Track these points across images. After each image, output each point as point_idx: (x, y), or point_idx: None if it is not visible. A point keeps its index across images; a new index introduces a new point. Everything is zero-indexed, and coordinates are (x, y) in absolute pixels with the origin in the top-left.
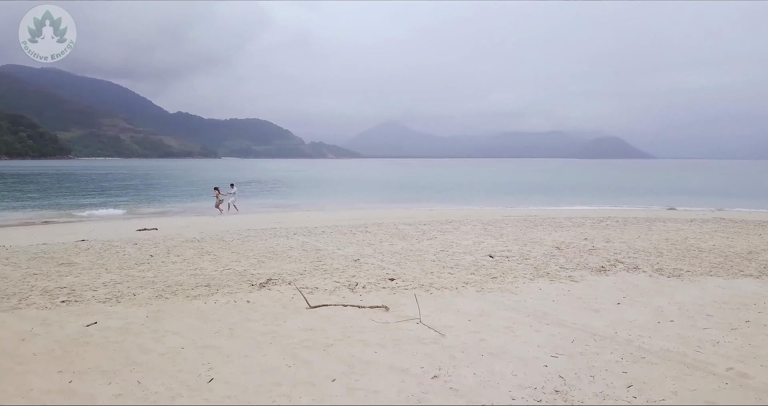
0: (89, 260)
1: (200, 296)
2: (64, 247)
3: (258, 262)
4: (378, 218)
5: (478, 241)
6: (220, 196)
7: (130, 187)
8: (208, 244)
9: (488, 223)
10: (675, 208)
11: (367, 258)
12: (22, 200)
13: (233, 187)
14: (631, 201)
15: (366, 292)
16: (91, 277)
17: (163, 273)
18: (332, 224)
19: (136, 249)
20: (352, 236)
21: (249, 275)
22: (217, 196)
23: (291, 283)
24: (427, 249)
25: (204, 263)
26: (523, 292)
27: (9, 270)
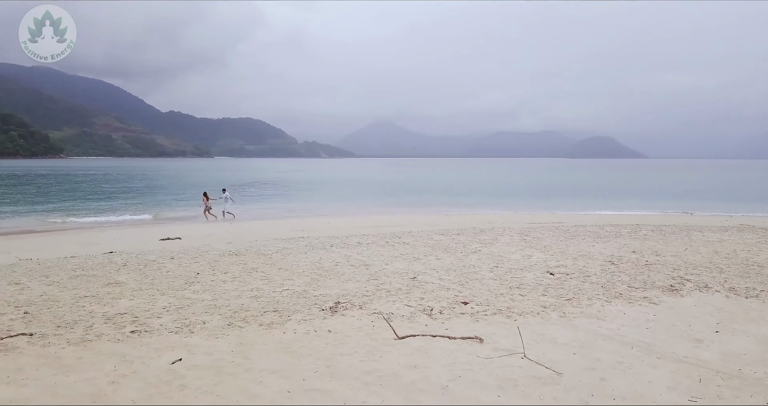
0: (134, 278)
1: (275, 324)
2: (97, 261)
3: (312, 280)
4: (401, 225)
5: (526, 254)
6: (208, 202)
7: (132, 189)
8: (249, 258)
9: (522, 232)
10: (691, 212)
11: (423, 276)
12: (27, 204)
13: (225, 192)
14: (645, 205)
15: (445, 318)
16: (146, 300)
17: (220, 295)
18: (360, 232)
19: (175, 265)
20: (391, 248)
21: (311, 296)
22: (205, 202)
23: (362, 307)
24: (479, 264)
25: (256, 281)
26: (607, 317)
27: (56, 291)
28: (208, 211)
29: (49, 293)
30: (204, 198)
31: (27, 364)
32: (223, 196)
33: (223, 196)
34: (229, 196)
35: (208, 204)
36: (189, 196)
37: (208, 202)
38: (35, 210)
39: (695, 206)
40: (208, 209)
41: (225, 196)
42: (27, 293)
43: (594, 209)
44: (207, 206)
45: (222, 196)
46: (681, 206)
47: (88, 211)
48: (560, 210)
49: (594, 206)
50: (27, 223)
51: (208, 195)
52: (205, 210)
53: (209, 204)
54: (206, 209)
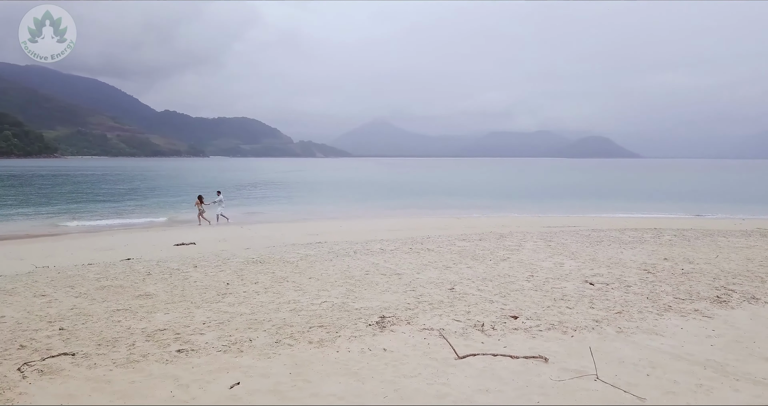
0: (163, 289)
1: (324, 341)
2: (119, 270)
3: (347, 291)
4: (415, 229)
5: (557, 262)
6: (202, 206)
7: (134, 191)
8: (275, 266)
9: (544, 238)
10: (701, 215)
11: (461, 286)
12: (30, 206)
13: (220, 194)
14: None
15: (500, 335)
16: (182, 314)
17: (257, 308)
18: (377, 237)
19: (201, 274)
20: (417, 255)
21: (353, 310)
22: (198, 206)
23: (410, 322)
24: (513, 273)
25: (290, 293)
26: (665, 332)
27: (86, 304)
28: (201, 215)
29: (79, 306)
30: (198, 201)
31: (77, 389)
32: (217, 199)
33: (218, 200)
34: (223, 199)
35: (202, 208)
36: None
37: (201, 205)
38: (40, 213)
39: (703, 208)
40: (202, 212)
41: (219, 199)
42: (56, 306)
43: (604, 211)
44: (201, 209)
45: (216, 199)
46: (689, 208)
47: (93, 213)
48: (570, 212)
49: (603, 208)
50: (33, 226)
51: (203, 198)
52: (199, 214)
53: (203, 208)
54: (200, 212)
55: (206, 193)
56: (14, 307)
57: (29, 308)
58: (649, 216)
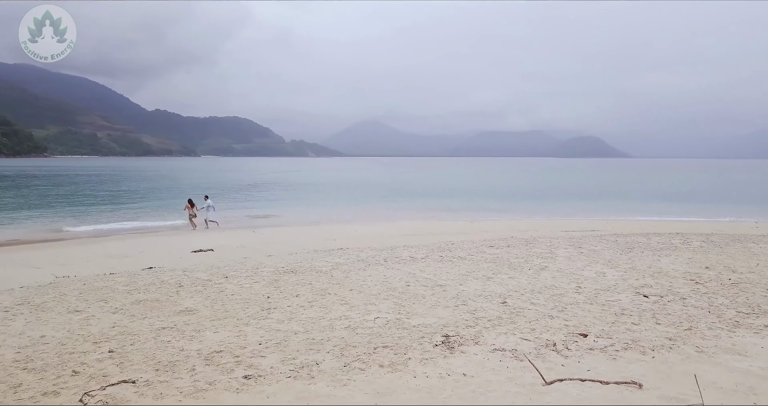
0: (203, 304)
1: (396, 364)
2: (147, 280)
3: (396, 305)
4: (435, 233)
5: (597, 271)
6: (193, 210)
7: (134, 192)
8: (309, 276)
9: (573, 244)
10: (715, 218)
11: (512, 299)
12: (31, 208)
13: (208, 199)
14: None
15: (578, 356)
16: (233, 332)
17: (309, 325)
18: (400, 243)
19: (236, 286)
20: (450, 264)
21: (410, 327)
22: (189, 210)
23: (477, 342)
24: (559, 284)
25: (337, 307)
26: (747, 351)
27: (126, 321)
28: (192, 219)
29: (120, 324)
30: (188, 206)
31: None
32: (205, 204)
33: (206, 204)
34: (212, 204)
35: (193, 212)
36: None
37: (193, 210)
38: (43, 216)
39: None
40: (192, 216)
41: (208, 203)
42: (96, 324)
43: (613, 213)
44: (192, 214)
45: (204, 204)
46: (693, 210)
47: (97, 216)
48: (581, 215)
49: (610, 210)
50: (39, 231)
51: (193, 202)
52: (190, 218)
53: (194, 212)
54: (192, 216)
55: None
56: (51, 325)
57: (68, 326)
58: (663, 219)
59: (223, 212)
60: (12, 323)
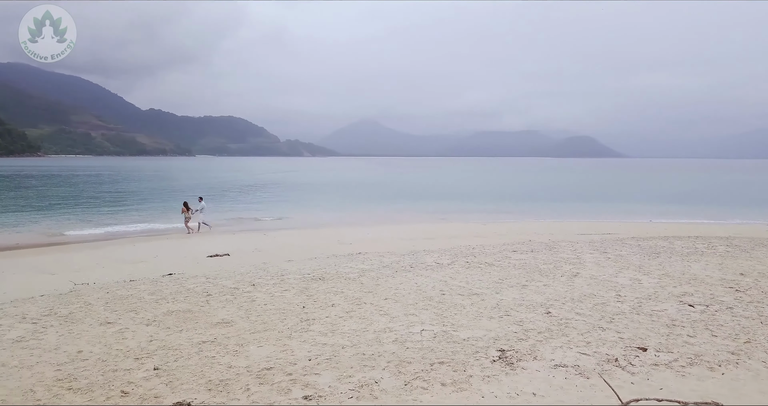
0: (237, 315)
1: (459, 383)
2: (172, 288)
3: (438, 316)
4: (451, 237)
5: (633, 278)
6: (189, 213)
7: (136, 192)
8: (339, 284)
9: (597, 248)
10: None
11: (555, 309)
12: (33, 211)
13: (202, 201)
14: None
15: (644, 372)
16: (278, 347)
17: (356, 339)
18: (417, 247)
19: (266, 294)
20: (479, 270)
21: (460, 340)
22: (185, 212)
23: (535, 357)
24: (596, 293)
25: (377, 317)
26: None
27: (163, 335)
28: (188, 222)
29: (157, 337)
30: (184, 209)
31: None
32: (199, 206)
33: (200, 206)
34: (205, 206)
35: (189, 215)
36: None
37: (189, 213)
38: (47, 217)
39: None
40: (188, 220)
41: (202, 205)
42: (132, 338)
43: (621, 215)
44: (188, 217)
45: (198, 206)
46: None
47: (103, 219)
48: (591, 217)
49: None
50: (44, 234)
51: (189, 205)
52: (186, 221)
53: (190, 215)
54: (187, 219)
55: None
56: (86, 338)
57: (103, 339)
58: (677, 222)
59: (228, 214)
60: (44, 336)
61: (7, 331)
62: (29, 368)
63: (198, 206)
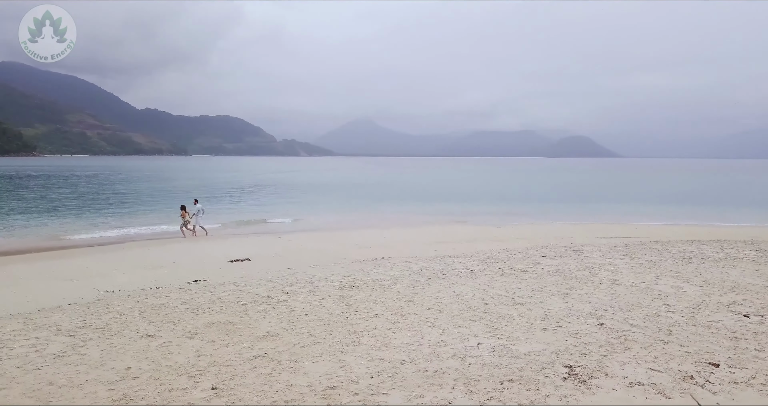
0: (281, 326)
1: (536, 404)
2: (204, 297)
3: (488, 328)
4: (473, 241)
5: (674, 286)
6: (186, 216)
7: (140, 193)
8: (375, 292)
9: (626, 253)
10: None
11: (607, 320)
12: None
13: (197, 203)
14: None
15: (726, 391)
16: (334, 363)
17: (411, 353)
18: (442, 251)
19: (303, 303)
20: (515, 277)
21: (522, 355)
22: (183, 217)
23: (606, 374)
24: (643, 301)
25: (426, 329)
26: None
27: (210, 349)
28: (185, 226)
29: (204, 352)
30: (182, 212)
31: None
32: (195, 208)
33: (196, 209)
34: (201, 208)
35: (188, 219)
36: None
37: (187, 216)
38: (55, 219)
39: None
40: (185, 224)
41: (198, 208)
42: (179, 353)
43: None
44: (186, 220)
45: (195, 208)
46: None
47: (112, 221)
48: (603, 219)
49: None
50: (57, 238)
51: (187, 208)
52: (182, 225)
53: (189, 219)
54: (184, 223)
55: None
56: (131, 353)
57: (148, 354)
58: (690, 224)
59: (236, 216)
60: (85, 350)
61: (46, 345)
62: (80, 387)
63: (193, 209)
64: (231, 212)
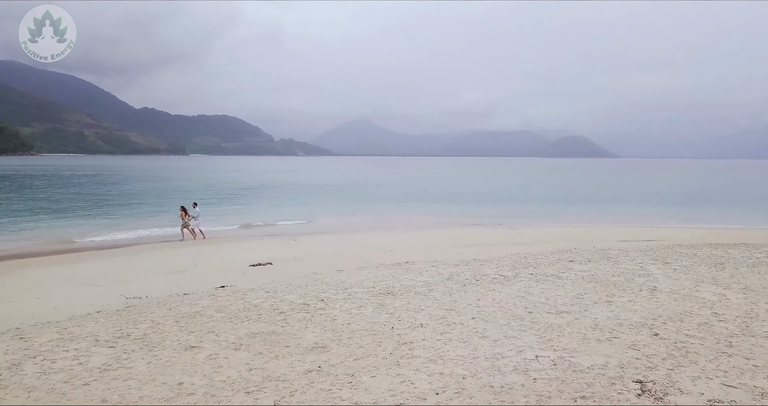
0: (325, 336)
1: None
2: (238, 305)
3: (542, 339)
4: (493, 245)
5: (717, 293)
6: (186, 218)
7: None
8: (413, 300)
9: (656, 257)
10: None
11: (658, 329)
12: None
13: (196, 206)
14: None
15: None
16: (394, 378)
17: (469, 367)
18: (466, 255)
19: (341, 311)
20: (549, 283)
21: (586, 369)
22: (183, 218)
23: (682, 390)
24: (689, 310)
25: (477, 340)
26: None
27: (259, 361)
28: (185, 228)
29: (255, 365)
30: (182, 213)
31: None
32: (194, 211)
33: (195, 212)
34: (199, 211)
35: (187, 221)
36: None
37: (187, 218)
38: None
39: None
40: (186, 225)
41: (197, 211)
42: (228, 366)
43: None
44: (186, 222)
45: (194, 211)
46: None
47: (122, 222)
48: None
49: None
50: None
51: (187, 210)
52: (182, 227)
53: (188, 221)
54: (184, 225)
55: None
56: (179, 367)
57: (196, 367)
58: (705, 226)
59: (244, 217)
60: (131, 363)
61: (88, 357)
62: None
63: (193, 212)
64: (240, 214)
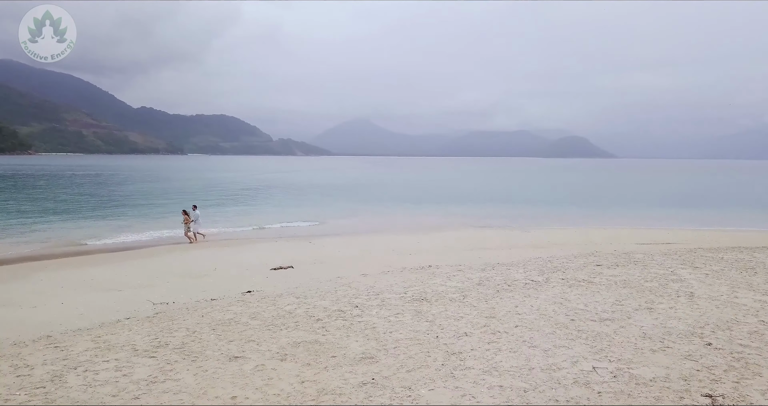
0: (369, 345)
1: None
2: (272, 312)
3: (593, 348)
4: (509, 247)
5: (757, 299)
6: (189, 221)
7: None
8: (449, 307)
9: (685, 262)
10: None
11: (708, 338)
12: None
13: (196, 209)
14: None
15: None
16: (453, 392)
17: (527, 379)
18: (488, 259)
19: (379, 318)
20: (582, 288)
21: (648, 381)
22: (186, 222)
23: (756, 405)
24: (734, 318)
25: (526, 350)
26: None
27: (309, 373)
28: (188, 231)
29: (305, 377)
30: (185, 217)
31: None
32: (194, 215)
33: (194, 215)
34: (199, 214)
35: (189, 224)
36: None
37: (188, 221)
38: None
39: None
40: (188, 229)
41: (196, 214)
42: (280, 378)
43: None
44: (188, 226)
45: (194, 215)
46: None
47: (132, 224)
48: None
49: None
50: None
51: (188, 213)
52: (186, 231)
53: (189, 225)
54: (187, 229)
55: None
56: (228, 379)
57: (245, 380)
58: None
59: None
60: (177, 375)
61: (131, 368)
62: None
63: (193, 215)
64: (247, 214)
